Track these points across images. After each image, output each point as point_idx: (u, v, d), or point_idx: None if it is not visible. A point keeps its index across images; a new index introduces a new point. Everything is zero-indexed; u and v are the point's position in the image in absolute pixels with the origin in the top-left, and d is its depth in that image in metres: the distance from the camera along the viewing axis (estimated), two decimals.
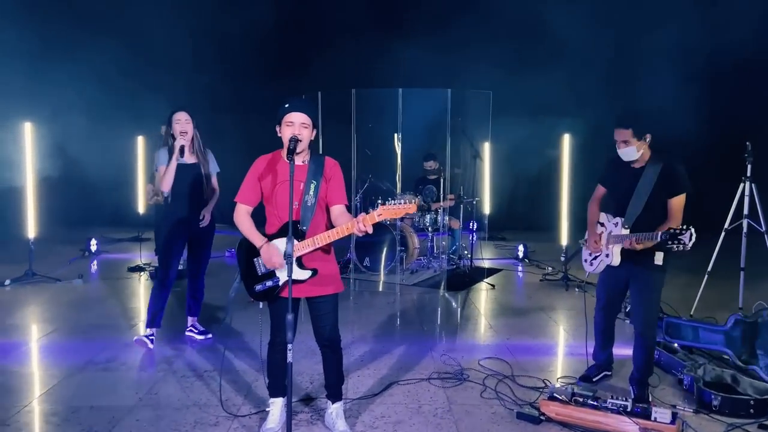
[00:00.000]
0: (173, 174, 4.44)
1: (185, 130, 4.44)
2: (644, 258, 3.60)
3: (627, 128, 3.56)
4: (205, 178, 4.60)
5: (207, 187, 4.61)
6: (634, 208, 3.62)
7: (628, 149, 3.61)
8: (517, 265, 8.38)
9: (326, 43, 9.98)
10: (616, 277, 3.83)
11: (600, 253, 3.84)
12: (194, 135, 4.53)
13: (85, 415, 3.43)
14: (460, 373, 4.19)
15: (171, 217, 4.61)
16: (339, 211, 3.12)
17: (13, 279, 6.63)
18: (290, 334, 2.78)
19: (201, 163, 4.57)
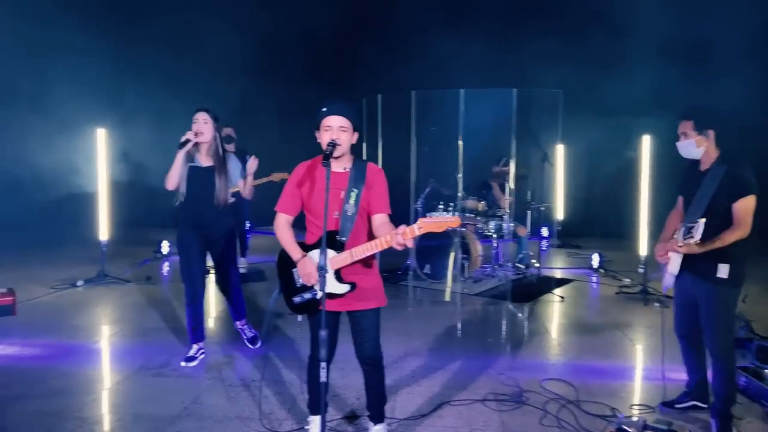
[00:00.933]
0: (177, 171, 4.22)
1: (201, 131, 4.25)
2: (706, 270, 3.25)
3: (688, 120, 3.31)
4: (220, 184, 4.30)
5: (220, 194, 4.32)
6: (695, 212, 3.27)
7: (687, 142, 3.34)
8: (591, 275, 7.86)
9: (386, 44, 9.85)
10: (685, 292, 3.47)
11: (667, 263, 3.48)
12: (214, 138, 4.33)
13: (129, 424, 3.42)
14: (519, 395, 3.88)
15: (182, 222, 4.43)
16: (380, 221, 2.92)
17: (86, 280, 6.89)
18: (323, 352, 2.61)
19: (216, 168, 4.33)
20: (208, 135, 4.28)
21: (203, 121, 4.27)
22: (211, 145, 4.32)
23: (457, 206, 6.94)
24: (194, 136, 4.23)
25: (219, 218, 4.38)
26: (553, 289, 6.80)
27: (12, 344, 4.71)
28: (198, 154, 4.33)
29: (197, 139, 4.24)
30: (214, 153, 4.34)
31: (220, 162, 4.33)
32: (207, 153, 4.33)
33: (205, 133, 4.26)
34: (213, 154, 4.33)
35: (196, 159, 4.32)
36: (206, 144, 4.31)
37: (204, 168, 4.31)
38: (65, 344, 4.81)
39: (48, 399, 3.73)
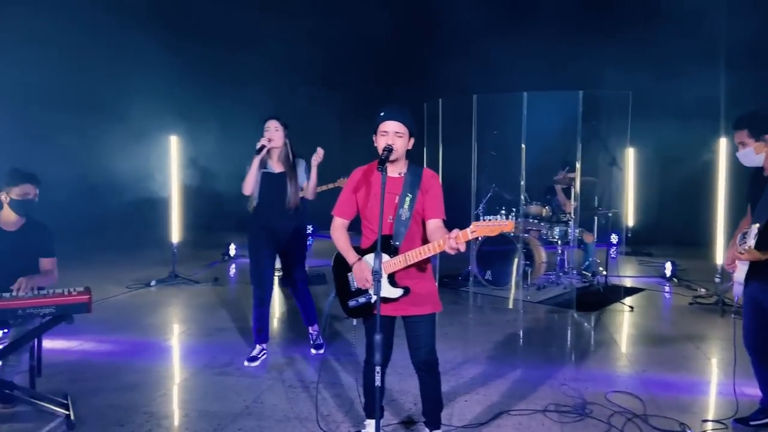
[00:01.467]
0: (253, 177, 4.37)
1: (272, 137, 4.39)
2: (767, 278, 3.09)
3: (741, 129, 3.22)
4: (292, 189, 4.44)
5: (291, 198, 4.44)
6: (758, 219, 3.11)
7: (745, 151, 3.24)
8: (663, 284, 7.51)
9: (447, 48, 9.80)
10: (754, 300, 3.29)
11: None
12: (285, 144, 4.47)
13: (193, 420, 3.54)
14: (582, 406, 3.74)
15: (254, 227, 4.54)
16: (434, 226, 2.89)
17: (158, 280, 7.22)
18: (378, 356, 2.62)
19: (287, 173, 4.47)
20: (279, 141, 4.43)
21: (274, 129, 4.42)
22: (282, 152, 4.48)
23: (520, 211, 6.80)
24: (267, 142, 4.38)
25: (290, 222, 4.52)
26: (622, 299, 6.53)
27: (89, 340, 4.98)
28: (270, 160, 4.48)
29: (270, 146, 4.39)
30: (285, 159, 4.49)
31: (290, 167, 4.48)
32: (278, 159, 4.48)
33: (276, 139, 4.41)
34: (284, 160, 4.48)
35: (268, 165, 4.48)
36: (277, 150, 4.46)
37: (276, 174, 4.47)
38: (137, 341, 5.05)
39: (120, 393, 3.92)
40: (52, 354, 4.55)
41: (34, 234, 3.83)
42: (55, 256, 3.92)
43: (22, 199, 3.68)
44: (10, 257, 3.69)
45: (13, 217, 3.73)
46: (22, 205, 3.69)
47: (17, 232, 3.77)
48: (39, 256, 3.85)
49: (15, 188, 3.67)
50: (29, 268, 3.72)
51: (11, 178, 3.68)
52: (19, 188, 3.67)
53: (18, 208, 3.70)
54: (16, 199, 3.67)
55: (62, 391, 3.80)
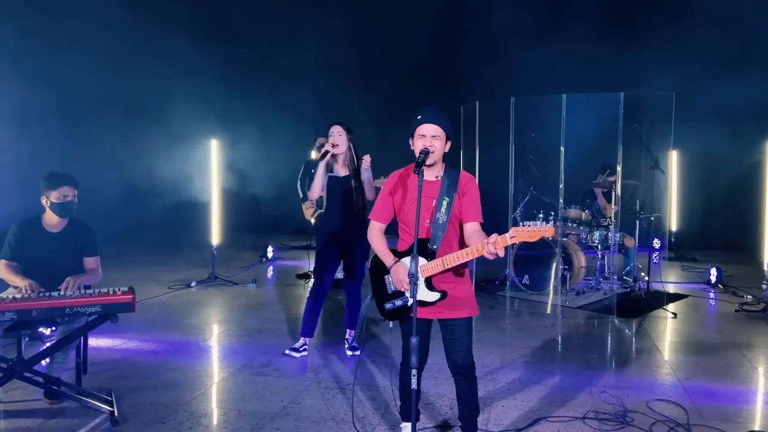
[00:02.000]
0: (320, 182, 4.58)
1: (336, 143, 4.57)
2: None
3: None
4: (357, 192, 4.64)
5: (358, 201, 4.63)
6: None
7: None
8: (708, 291, 7.28)
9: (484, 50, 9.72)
10: None
11: None
12: (349, 148, 4.63)
13: (232, 419, 3.60)
14: (623, 414, 3.66)
15: (323, 228, 4.80)
16: (472, 230, 2.88)
17: (198, 281, 7.37)
18: (414, 359, 2.62)
19: (352, 177, 4.64)
20: (343, 146, 4.59)
21: (338, 134, 4.58)
22: (346, 156, 4.64)
23: (559, 215, 6.70)
24: (332, 147, 4.55)
25: (357, 225, 4.64)
26: (665, 305, 6.36)
27: (132, 339, 5.12)
28: (335, 164, 4.66)
29: (334, 151, 4.56)
30: (350, 162, 4.65)
31: (355, 171, 4.64)
32: (343, 163, 4.66)
33: (340, 144, 4.57)
34: (349, 164, 4.64)
35: (334, 169, 4.66)
36: (342, 155, 4.63)
37: (342, 177, 4.64)
38: (178, 341, 5.17)
39: (161, 391, 4.02)
40: (97, 352, 4.71)
41: (78, 234, 3.95)
42: (98, 255, 4.04)
43: (61, 202, 3.80)
44: (55, 258, 3.82)
45: (56, 219, 3.86)
46: (62, 207, 3.81)
47: (61, 233, 3.90)
48: (83, 256, 3.98)
49: (54, 192, 3.78)
50: (74, 267, 3.85)
51: (49, 182, 3.79)
52: (57, 191, 3.78)
53: (59, 211, 3.81)
54: (55, 202, 3.79)
55: (107, 388, 3.92)
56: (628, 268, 7.23)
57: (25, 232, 3.85)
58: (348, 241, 4.71)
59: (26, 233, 3.84)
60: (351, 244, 4.73)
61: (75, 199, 3.88)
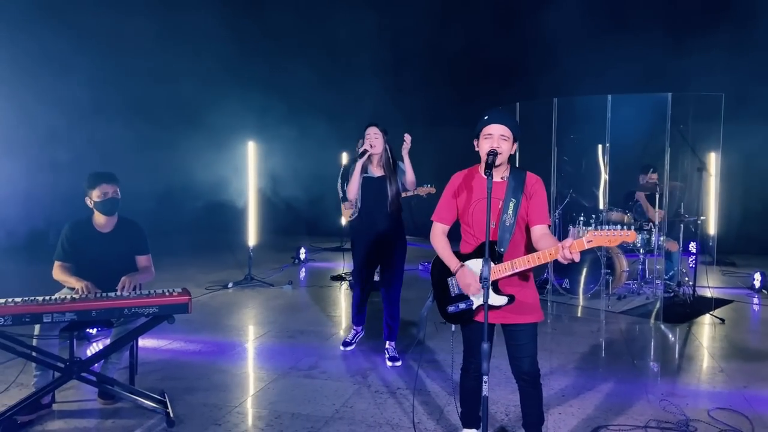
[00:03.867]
0: (356, 182, 4.55)
1: (373, 143, 4.53)
2: None
3: None
4: (392, 193, 4.58)
5: (393, 202, 4.58)
6: None
7: None
8: (752, 296, 7.11)
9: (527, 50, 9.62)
10: None
11: None
12: (385, 149, 4.60)
13: (287, 422, 3.57)
14: (686, 423, 3.56)
15: (357, 230, 4.77)
16: (540, 233, 2.81)
17: (235, 282, 7.39)
18: (485, 365, 2.56)
19: (387, 177, 4.58)
20: (379, 147, 4.56)
21: (374, 135, 4.56)
22: (382, 156, 4.61)
23: (601, 218, 6.58)
24: (370, 148, 4.53)
25: (393, 227, 4.63)
26: (711, 310, 6.21)
27: (176, 340, 5.13)
28: (370, 165, 4.63)
29: (372, 151, 4.54)
30: (385, 163, 4.62)
31: (390, 171, 4.61)
32: (378, 164, 4.63)
33: (376, 145, 4.54)
34: (384, 165, 4.62)
35: (369, 170, 4.63)
36: (377, 155, 4.60)
37: (376, 178, 4.61)
38: (222, 342, 5.16)
39: (212, 392, 4.01)
40: (144, 352, 4.70)
41: (128, 233, 3.96)
42: (149, 253, 4.05)
43: (103, 199, 3.79)
44: (108, 257, 3.83)
45: (104, 219, 3.86)
46: (105, 205, 3.80)
47: (112, 232, 3.91)
48: (135, 254, 3.98)
49: (94, 191, 3.78)
50: (127, 266, 3.86)
51: (89, 181, 3.79)
52: (97, 190, 3.77)
53: (102, 209, 3.81)
54: (98, 200, 3.79)
55: (158, 388, 3.92)
56: (672, 272, 7.08)
57: (77, 233, 3.86)
58: (383, 244, 4.65)
59: (78, 234, 3.86)
60: (386, 246, 4.66)
61: (117, 195, 3.85)
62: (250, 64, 10.03)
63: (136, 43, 8.93)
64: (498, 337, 3.02)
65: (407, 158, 4.55)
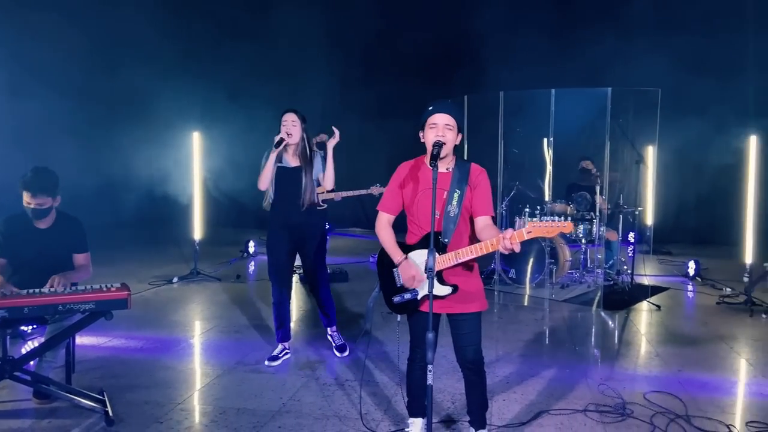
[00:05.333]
0: (269, 171, 4.29)
1: (290, 132, 4.27)
2: None
3: None
4: (307, 184, 4.33)
5: (306, 194, 4.32)
6: None
7: None
8: (686, 284, 7.45)
9: (473, 45, 9.72)
10: None
11: None
12: (302, 138, 4.35)
13: (232, 417, 3.52)
14: (622, 406, 3.70)
15: (272, 222, 4.48)
16: (484, 223, 2.85)
17: (180, 277, 7.20)
18: (430, 354, 2.58)
19: (303, 168, 4.33)
20: (296, 136, 4.31)
21: (291, 123, 4.29)
22: (299, 146, 4.36)
23: (545, 210, 6.74)
24: (286, 136, 4.28)
25: (309, 218, 4.40)
26: (648, 297, 6.47)
27: (117, 337, 4.97)
28: (286, 154, 4.38)
29: (288, 140, 4.29)
30: (302, 153, 4.36)
31: (307, 162, 4.36)
32: (294, 153, 4.37)
33: (294, 134, 4.30)
34: (300, 154, 4.36)
35: (284, 159, 4.37)
36: (294, 145, 4.35)
37: (291, 168, 4.36)
38: (165, 338, 5.03)
39: (154, 390, 3.90)
40: (83, 350, 4.55)
41: (67, 230, 3.81)
42: (88, 251, 3.90)
43: (27, 207, 3.63)
44: (45, 254, 3.67)
45: None
46: (30, 211, 3.63)
47: (50, 229, 3.75)
48: (72, 252, 3.83)
49: (23, 193, 3.60)
50: (64, 264, 3.71)
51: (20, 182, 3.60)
52: (24, 194, 3.60)
53: (31, 214, 3.65)
54: (25, 205, 3.62)
55: (97, 387, 3.79)
56: (612, 261, 7.34)
57: (13, 228, 3.69)
58: (298, 237, 4.43)
59: (14, 229, 3.69)
60: (302, 239, 4.44)
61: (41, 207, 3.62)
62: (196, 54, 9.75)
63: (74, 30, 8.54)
64: (445, 327, 3.05)
65: (331, 153, 4.35)
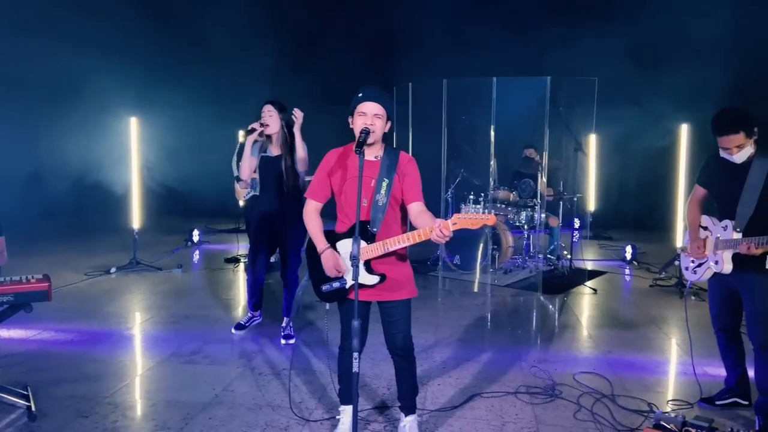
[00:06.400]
0: (248, 160, 4.45)
1: (266, 123, 4.47)
2: (754, 263, 3.15)
3: (738, 132, 3.14)
4: (288, 172, 4.50)
5: (288, 181, 4.50)
6: (744, 208, 3.17)
7: (743, 152, 3.20)
8: (624, 267, 7.70)
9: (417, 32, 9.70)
10: (726, 286, 3.37)
11: (705, 260, 3.37)
12: (282, 127, 4.51)
13: (161, 410, 3.44)
14: (552, 388, 3.80)
15: (254, 211, 4.65)
16: (418, 210, 2.85)
17: (118, 267, 6.99)
18: (356, 342, 2.58)
19: (283, 156, 4.50)
20: (274, 126, 4.48)
21: (268, 114, 4.48)
22: (279, 135, 4.52)
23: (488, 197, 6.84)
24: (259, 126, 4.45)
25: (288, 207, 4.52)
26: (585, 281, 6.66)
27: (47, 329, 4.79)
28: (270, 145, 4.55)
29: (262, 130, 4.47)
30: (283, 142, 4.53)
31: (287, 150, 4.51)
32: (276, 143, 4.54)
33: (270, 124, 4.47)
34: (281, 143, 4.53)
35: (268, 150, 4.55)
36: (275, 134, 4.52)
37: (273, 157, 4.54)
38: (98, 330, 4.88)
39: (82, 383, 3.78)
40: (8, 344, 4.38)
41: None
42: (2, 236, 3.72)
43: None
44: None
45: None
46: None
47: None
48: None
49: None
50: None
51: None
52: None
53: None
54: None
55: (21, 381, 3.64)
56: (552, 246, 7.52)
57: None
58: (279, 226, 4.59)
59: None
60: (282, 228, 4.60)
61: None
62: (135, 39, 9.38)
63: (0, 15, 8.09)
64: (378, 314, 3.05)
65: (298, 135, 4.45)
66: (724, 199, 3.33)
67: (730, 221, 3.25)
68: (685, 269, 3.59)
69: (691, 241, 3.49)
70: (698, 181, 3.55)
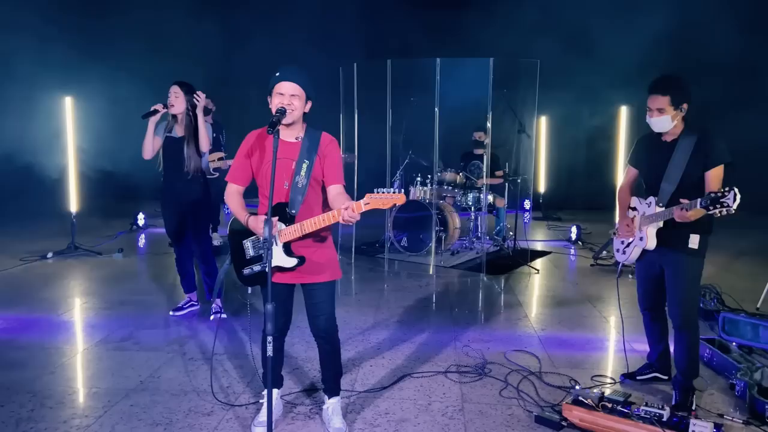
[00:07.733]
0: (149, 141, 4.52)
1: (171, 103, 4.49)
2: (677, 241, 3.22)
3: (665, 95, 3.16)
4: (190, 154, 4.52)
5: (189, 162, 4.53)
6: (668, 184, 3.22)
7: (662, 119, 3.21)
8: (569, 247, 7.85)
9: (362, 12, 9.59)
10: (651, 264, 3.43)
11: (633, 238, 3.42)
12: (186, 109, 4.52)
13: (81, 398, 3.35)
14: (482, 366, 3.85)
15: (161, 191, 4.75)
16: (335, 192, 2.81)
17: (55, 252, 6.78)
18: (270, 326, 2.54)
19: (186, 138, 4.53)
20: (179, 107, 4.50)
21: (174, 95, 4.50)
22: (183, 116, 4.54)
23: (435, 178, 6.85)
24: (162, 107, 4.49)
25: (188, 187, 4.58)
26: (530, 262, 6.76)
27: None
28: (176, 125, 4.57)
29: (166, 110, 4.51)
30: (187, 124, 4.54)
31: (190, 133, 4.53)
32: (181, 124, 4.57)
33: (175, 105, 4.49)
34: (185, 125, 4.54)
35: (173, 130, 4.57)
36: (180, 115, 4.55)
37: (177, 138, 4.56)
38: (28, 317, 4.73)
39: (2, 372, 3.65)
40: None
41: None
42: None
43: None
44: None
45: None
46: None
47: None
48: None
49: None
50: None
51: None
52: None
53: None
54: None
55: None
56: (498, 227, 7.60)
57: None
58: (184, 206, 4.62)
59: None
60: (187, 208, 4.63)
61: None
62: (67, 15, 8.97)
63: None
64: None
65: (201, 117, 4.50)
66: (651, 177, 3.37)
67: (654, 197, 3.31)
68: (616, 251, 3.65)
69: (621, 221, 3.55)
70: (629, 161, 3.60)
